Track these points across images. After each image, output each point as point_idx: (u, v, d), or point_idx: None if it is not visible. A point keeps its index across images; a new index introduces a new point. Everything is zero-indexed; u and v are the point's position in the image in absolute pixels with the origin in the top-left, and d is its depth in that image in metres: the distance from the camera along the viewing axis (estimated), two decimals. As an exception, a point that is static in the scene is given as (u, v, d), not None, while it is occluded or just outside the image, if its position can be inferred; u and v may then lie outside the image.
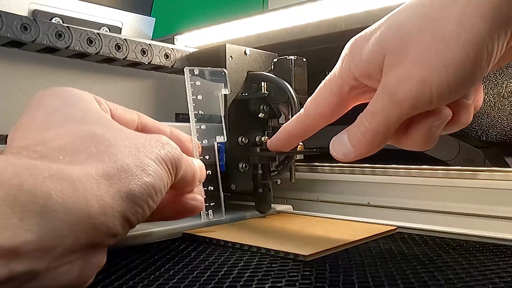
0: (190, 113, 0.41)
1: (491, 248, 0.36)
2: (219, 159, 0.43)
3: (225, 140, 0.43)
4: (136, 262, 0.33)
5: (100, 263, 0.26)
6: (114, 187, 0.25)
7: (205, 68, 0.43)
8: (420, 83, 0.27)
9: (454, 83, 0.27)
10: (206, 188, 0.41)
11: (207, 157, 0.42)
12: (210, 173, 0.41)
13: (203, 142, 0.41)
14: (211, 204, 0.42)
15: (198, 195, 0.36)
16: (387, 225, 0.44)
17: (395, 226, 0.44)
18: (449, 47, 0.26)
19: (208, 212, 0.42)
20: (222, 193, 0.42)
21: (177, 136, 0.38)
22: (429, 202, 0.54)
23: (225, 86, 0.44)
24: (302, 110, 0.36)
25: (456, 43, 0.26)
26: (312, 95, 0.35)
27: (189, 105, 0.41)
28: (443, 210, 0.52)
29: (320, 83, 0.34)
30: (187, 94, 0.41)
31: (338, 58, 0.33)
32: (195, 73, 0.42)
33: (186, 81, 0.42)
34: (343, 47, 0.32)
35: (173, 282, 0.28)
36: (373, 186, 0.58)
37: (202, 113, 0.42)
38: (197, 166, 0.35)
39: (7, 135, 0.29)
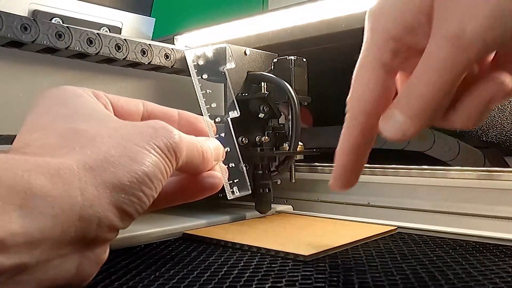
0: (197, 94, 0.40)
1: (491, 248, 0.36)
2: (235, 135, 0.41)
3: (238, 114, 0.41)
4: (136, 262, 0.33)
5: (99, 259, 0.26)
6: (99, 178, 0.24)
7: (206, 47, 0.42)
8: (491, 15, 0.22)
9: None
10: (227, 166, 0.39)
11: (222, 134, 0.40)
12: (228, 150, 0.40)
13: (216, 119, 0.40)
14: (235, 180, 0.40)
15: (216, 172, 0.35)
16: (387, 225, 0.44)
17: (395, 226, 0.44)
18: None
19: (233, 189, 0.40)
20: (244, 168, 0.41)
21: (187, 118, 0.36)
22: (429, 202, 0.54)
23: (229, 61, 0.42)
24: (346, 117, 0.29)
25: None
26: (349, 95, 0.28)
27: (195, 85, 0.40)
28: (443, 210, 0.52)
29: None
30: (192, 75, 0.40)
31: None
32: (197, 54, 0.41)
33: (188, 62, 0.40)
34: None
35: (173, 282, 0.28)
36: (373, 186, 0.58)
37: (210, 91, 0.40)
38: (211, 146, 0.34)
39: (8, 135, 0.29)
